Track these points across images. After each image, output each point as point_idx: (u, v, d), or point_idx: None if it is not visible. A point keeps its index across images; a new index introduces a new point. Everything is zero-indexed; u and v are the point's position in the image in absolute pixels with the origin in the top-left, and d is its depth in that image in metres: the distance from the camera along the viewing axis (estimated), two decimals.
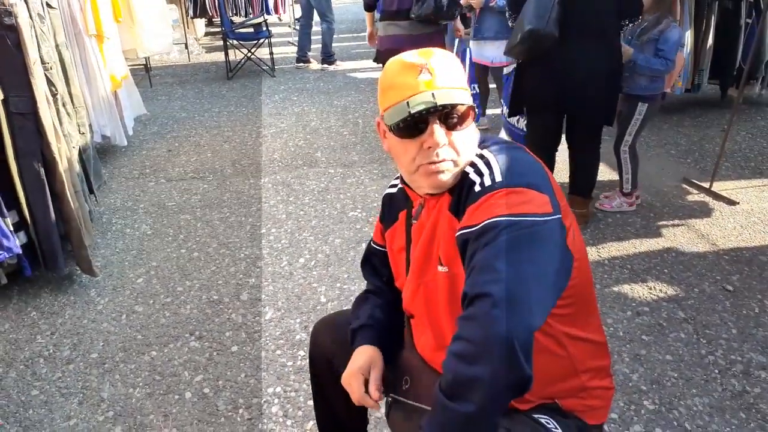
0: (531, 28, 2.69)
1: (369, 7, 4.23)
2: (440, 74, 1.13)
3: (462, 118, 1.15)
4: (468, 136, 1.17)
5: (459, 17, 4.28)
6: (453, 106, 1.12)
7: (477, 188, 1.10)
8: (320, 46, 7.19)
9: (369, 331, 1.37)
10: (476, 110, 1.22)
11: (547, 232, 1.04)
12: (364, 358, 1.31)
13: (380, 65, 4.21)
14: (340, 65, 7.21)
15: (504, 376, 0.93)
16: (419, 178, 1.18)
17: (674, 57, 3.01)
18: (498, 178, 1.09)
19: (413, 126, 1.13)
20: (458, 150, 1.15)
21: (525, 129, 3.53)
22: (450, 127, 1.14)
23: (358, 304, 1.46)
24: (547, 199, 1.07)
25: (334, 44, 7.26)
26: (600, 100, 2.90)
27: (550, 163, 3.11)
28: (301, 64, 7.32)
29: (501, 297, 0.95)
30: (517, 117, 3.63)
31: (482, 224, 1.04)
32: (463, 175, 1.16)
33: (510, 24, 3.01)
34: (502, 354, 0.92)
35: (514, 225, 1.02)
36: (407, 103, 1.11)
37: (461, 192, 1.15)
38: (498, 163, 1.12)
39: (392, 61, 1.18)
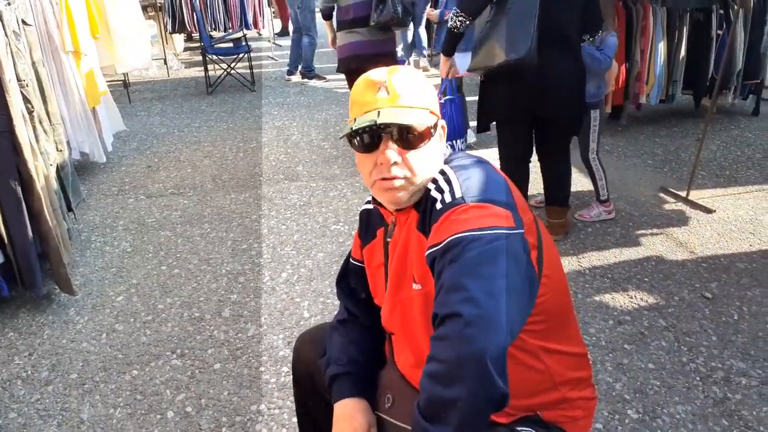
0: (516, 58, 2.64)
1: (327, 16, 4.43)
2: (397, 93, 1.15)
3: (420, 138, 1.16)
4: (426, 155, 1.17)
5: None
6: (400, 127, 1.13)
7: (438, 205, 1.11)
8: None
9: (347, 380, 1.32)
10: (442, 129, 1.24)
11: (510, 247, 1.04)
12: (350, 423, 1.27)
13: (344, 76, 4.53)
14: (318, 82, 7.21)
15: (480, 395, 0.94)
16: (376, 192, 1.21)
17: (613, 56, 3.16)
18: (458, 194, 1.10)
19: (370, 142, 1.15)
20: (413, 169, 1.15)
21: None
22: (405, 146, 1.15)
23: (330, 338, 1.42)
24: (509, 213, 1.08)
25: (315, 59, 7.29)
26: (571, 109, 2.97)
27: (526, 174, 3.15)
28: (291, 77, 7.35)
29: (471, 316, 0.95)
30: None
31: (446, 241, 1.04)
32: (426, 192, 1.17)
33: (458, 25, 2.80)
34: (476, 373, 0.93)
35: (477, 240, 1.02)
36: (355, 119, 1.15)
37: (425, 210, 1.16)
38: (458, 179, 1.13)
39: (360, 78, 1.21)
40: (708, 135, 3.59)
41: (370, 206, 1.40)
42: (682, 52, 4.86)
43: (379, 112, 1.13)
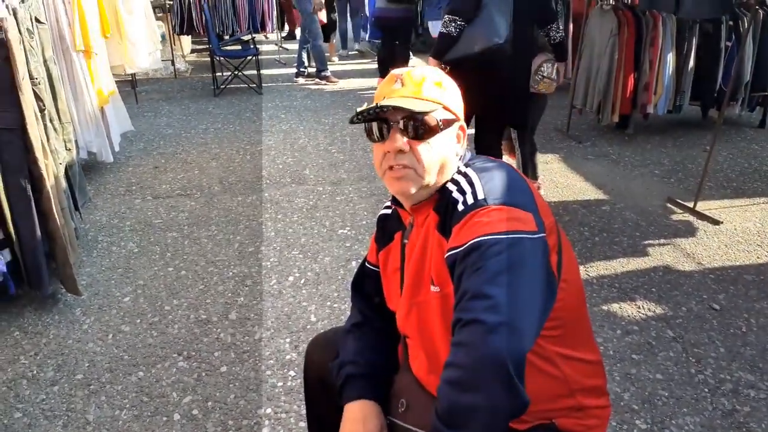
0: (495, 44, 2.94)
1: None
2: (411, 85, 1.19)
3: (428, 130, 1.17)
4: (436, 149, 1.18)
5: None
6: (407, 115, 1.16)
7: (460, 207, 1.12)
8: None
9: (362, 382, 1.31)
10: (461, 130, 1.26)
11: (532, 251, 1.04)
12: (362, 425, 1.25)
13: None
14: (326, 87, 7.24)
15: (500, 401, 0.93)
16: (387, 182, 1.22)
17: None
18: (480, 196, 1.11)
19: (379, 131, 1.19)
20: (421, 159, 1.16)
21: None
22: (413, 137, 1.17)
23: (344, 341, 1.41)
24: (531, 217, 1.08)
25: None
26: (523, 96, 3.37)
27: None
28: (299, 79, 7.42)
29: (494, 323, 0.95)
30: None
31: (468, 244, 1.04)
32: (447, 193, 1.18)
33: (452, 30, 2.96)
34: (496, 379, 0.93)
35: (500, 243, 1.02)
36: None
37: (446, 211, 1.16)
38: (481, 181, 1.14)
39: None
40: (715, 146, 3.59)
41: (389, 210, 1.40)
42: (691, 63, 4.86)
43: (385, 98, 1.18)
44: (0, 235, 2.61)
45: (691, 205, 3.65)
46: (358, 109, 1.18)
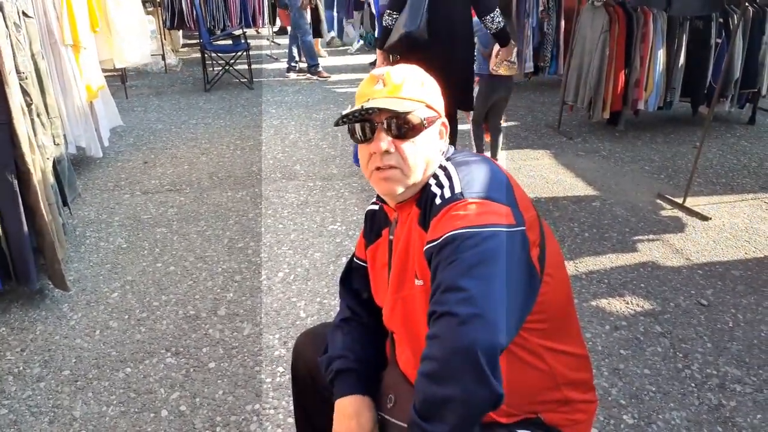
0: (407, 31, 3.26)
1: None
2: (392, 85, 1.20)
3: (412, 129, 1.18)
4: (420, 147, 1.19)
5: None
6: (391, 116, 1.16)
7: (438, 201, 1.12)
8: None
9: (353, 376, 1.31)
10: (443, 126, 1.26)
11: (509, 245, 1.04)
12: (356, 420, 1.25)
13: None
14: (317, 81, 7.23)
15: (475, 393, 0.93)
16: (373, 183, 1.22)
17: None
18: (458, 189, 1.11)
19: (363, 132, 1.20)
20: (406, 159, 1.17)
21: None
22: (397, 137, 1.17)
23: (333, 336, 1.41)
24: (509, 210, 1.07)
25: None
26: (462, 82, 3.53)
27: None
28: (290, 74, 7.42)
29: (467, 315, 0.95)
30: None
31: (443, 237, 1.04)
32: (426, 187, 1.18)
33: (389, 22, 3.41)
34: (470, 372, 0.93)
35: (475, 236, 1.02)
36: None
37: (426, 205, 1.17)
38: (459, 174, 1.14)
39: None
40: (705, 143, 3.61)
41: (376, 206, 1.40)
42: (681, 60, 4.89)
43: (369, 100, 1.18)
44: None
45: (680, 201, 3.66)
46: (343, 112, 1.18)
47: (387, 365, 1.38)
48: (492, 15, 3.36)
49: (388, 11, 3.41)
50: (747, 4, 4.62)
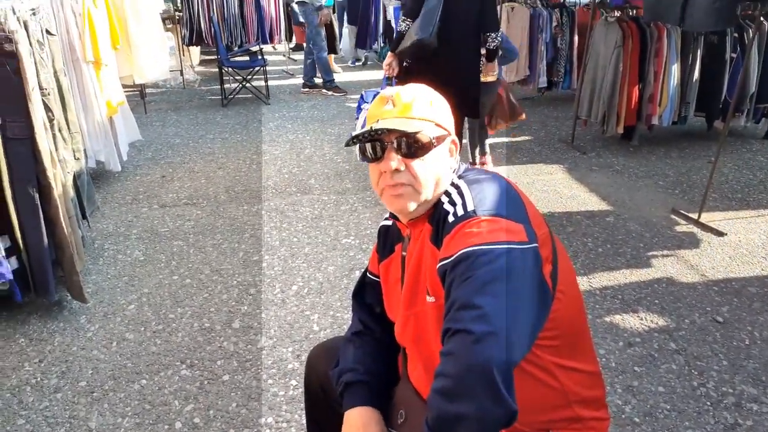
0: (418, 38, 3.46)
1: None
2: (402, 105, 1.21)
3: (422, 147, 1.19)
4: (431, 165, 1.20)
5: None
6: (401, 135, 1.18)
7: (451, 218, 1.13)
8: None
9: (363, 389, 1.32)
10: (453, 144, 1.28)
11: (522, 262, 1.05)
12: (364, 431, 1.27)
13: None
14: (333, 96, 7.31)
15: (489, 411, 0.94)
16: (385, 201, 1.24)
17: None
18: (470, 207, 1.12)
19: (374, 151, 1.21)
20: (417, 176, 1.19)
21: None
22: (408, 155, 1.19)
23: (344, 349, 1.42)
24: (522, 228, 1.08)
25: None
26: (472, 91, 3.76)
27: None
28: (306, 90, 7.51)
29: (482, 333, 0.96)
30: None
31: (457, 254, 1.05)
32: (439, 205, 1.20)
33: (403, 27, 3.63)
34: (483, 387, 0.93)
35: (488, 254, 1.03)
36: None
37: (438, 222, 1.18)
38: (471, 192, 1.16)
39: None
40: (720, 158, 3.59)
41: (389, 222, 1.42)
42: (696, 75, 4.87)
43: (378, 120, 1.20)
44: (7, 243, 2.65)
45: (695, 216, 3.64)
46: (353, 133, 1.21)
47: (399, 381, 1.39)
48: (495, 34, 3.60)
49: (403, 17, 3.62)
50: (762, 19, 4.61)
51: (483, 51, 3.72)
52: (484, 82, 3.98)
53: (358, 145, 1.24)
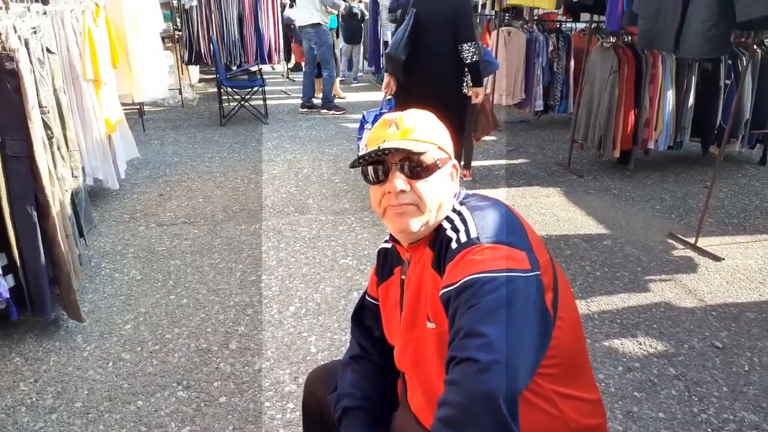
0: (387, 52, 3.95)
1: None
2: (405, 128, 1.23)
3: (426, 169, 1.20)
4: (434, 186, 1.21)
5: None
6: (405, 156, 1.19)
7: (454, 245, 1.13)
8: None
9: (360, 415, 1.32)
10: (454, 168, 1.29)
11: (526, 290, 1.04)
12: None
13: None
14: (331, 117, 7.35)
15: None
16: (387, 220, 1.24)
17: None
18: (474, 234, 1.12)
19: (378, 173, 1.22)
20: (422, 196, 1.19)
21: None
22: (412, 176, 1.20)
23: (342, 373, 1.42)
24: (524, 255, 1.09)
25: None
26: (455, 103, 3.98)
27: None
28: (305, 110, 7.51)
29: (488, 362, 0.95)
30: None
31: (461, 282, 1.05)
32: (441, 231, 1.20)
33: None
34: (490, 419, 0.92)
35: (492, 282, 1.02)
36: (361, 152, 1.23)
37: (441, 248, 1.18)
38: (474, 219, 1.16)
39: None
40: (716, 183, 3.62)
41: (389, 245, 1.41)
42: (691, 100, 4.94)
43: (384, 141, 1.21)
44: (4, 261, 2.63)
45: (692, 240, 3.66)
46: (359, 154, 1.21)
47: (398, 406, 1.38)
48: (468, 45, 3.76)
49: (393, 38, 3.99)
50: (755, 46, 4.69)
51: (465, 65, 3.91)
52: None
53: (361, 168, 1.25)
